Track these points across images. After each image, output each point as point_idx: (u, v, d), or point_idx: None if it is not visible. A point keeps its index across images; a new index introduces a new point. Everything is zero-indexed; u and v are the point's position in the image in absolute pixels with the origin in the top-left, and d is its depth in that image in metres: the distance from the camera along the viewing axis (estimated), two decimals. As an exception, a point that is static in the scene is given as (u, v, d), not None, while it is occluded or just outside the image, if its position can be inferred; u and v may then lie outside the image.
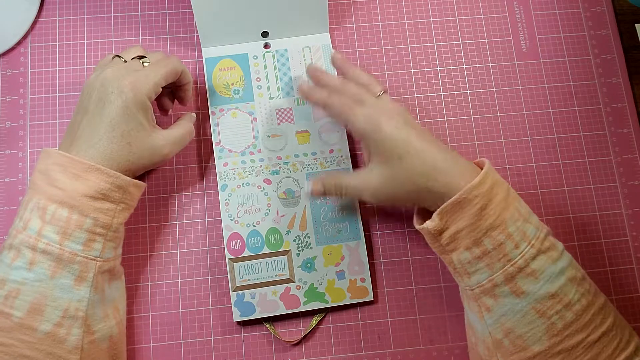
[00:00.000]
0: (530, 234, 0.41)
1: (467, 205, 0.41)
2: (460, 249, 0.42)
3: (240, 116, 0.53)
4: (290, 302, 0.49)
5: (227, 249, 0.50)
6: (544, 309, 0.40)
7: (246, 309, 0.49)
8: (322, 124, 0.53)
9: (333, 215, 0.52)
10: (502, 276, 0.40)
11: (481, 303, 0.42)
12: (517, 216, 0.41)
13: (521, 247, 0.40)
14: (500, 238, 0.40)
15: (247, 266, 0.50)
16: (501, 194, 0.41)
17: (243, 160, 0.52)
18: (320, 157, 0.53)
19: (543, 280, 0.40)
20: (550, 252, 0.41)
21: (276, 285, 0.50)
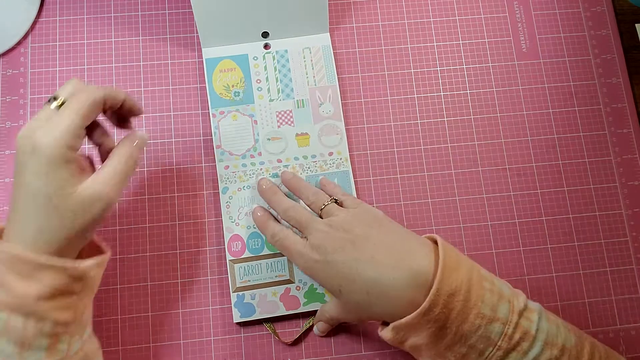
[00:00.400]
0: (496, 336, 0.39)
1: (420, 328, 0.39)
2: (424, 357, 0.41)
3: (240, 118, 0.53)
4: (290, 303, 0.49)
5: (228, 250, 0.50)
6: None
7: (246, 309, 0.49)
8: (321, 127, 0.53)
9: None
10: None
11: None
12: (479, 322, 0.39)
13: (486, 353, 0.39)
14: (462, 350, 0.39)
15: (248, 267, 0.50)
16: (458, 306, 0.38)
17: (244, 163, 0.52)
18: (320, 159, 0.53)
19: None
20: (521, 344, 0.39)
21: (276, 286, 0.50)
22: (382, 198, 0.54)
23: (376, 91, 0.56)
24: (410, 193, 0.54)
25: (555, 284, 0.53)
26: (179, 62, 0.56)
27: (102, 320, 0.50)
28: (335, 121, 0.54)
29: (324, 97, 0.54)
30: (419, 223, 0.53)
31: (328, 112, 0.54)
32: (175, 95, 0.55)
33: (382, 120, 0.55)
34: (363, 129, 0.55)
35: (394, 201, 0.54)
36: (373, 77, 0.57)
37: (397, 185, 0.54)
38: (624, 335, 0.52)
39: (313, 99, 0.54)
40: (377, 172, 0.54)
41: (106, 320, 0.50)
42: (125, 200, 0.52)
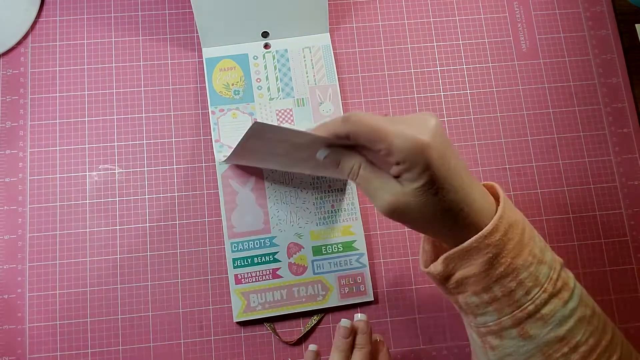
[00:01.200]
0: (543, 277, 0.39)
1: (476, 254, 0.38)
2: (467, 292, 0.40)
3: (240, 117, 0.53)
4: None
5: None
6: (550, 352, 0.39)
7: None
8: None
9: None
10: (510, 321, 0.39)
11: (485, 341, 0.41)
12: (531, 260, 0.39)
13: (532, 293, 0.39)
14: (511, 285, 0.39)
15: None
16: (515, 238, 0.38)
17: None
18: None
19: (552, 324, 0.39)
20: (562, 293, 0.39)
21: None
22: (382, 198, 0.54)
23: (376, 91, 0.56)
24: (410, 193, 0.54)
25: (556, 283, 0.53)
26: (178, 62, 0.56)
27: (102, 320, 0.50)
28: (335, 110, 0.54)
29: (324, 96, 0.54)
30: (419, 223, 0.53)
31: (328, 111, 0.54)
32: (175, 95, 0.55)
33: None
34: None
35: (394, 201, 0.54)
36: (373, 77, 0.57)
37: (397, 185, 0.54)
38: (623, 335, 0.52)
39: (313, 97, 0.54)
40: (377, 172, 0.54)
41: (107, 319, 0.50)
42: (125, 200, 0.52)
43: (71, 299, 0.50)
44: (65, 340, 0.49)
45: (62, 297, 0.50)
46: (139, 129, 0.54)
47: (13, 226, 0.51)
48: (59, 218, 0.51)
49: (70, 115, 0.54)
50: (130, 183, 0.53)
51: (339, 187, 0.53)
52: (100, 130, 0.54)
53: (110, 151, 0.53)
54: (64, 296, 0.50)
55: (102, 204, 0.52)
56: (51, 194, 0.52)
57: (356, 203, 0.53)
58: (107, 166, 0.53)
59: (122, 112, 0.54)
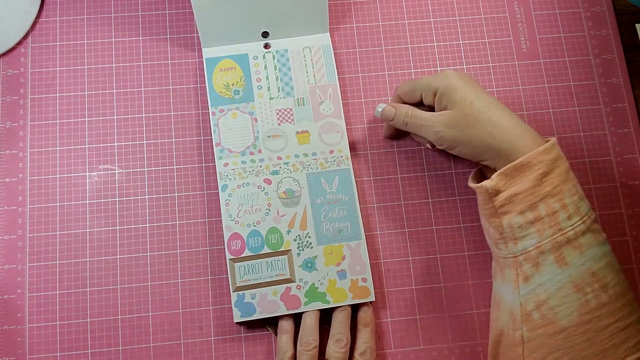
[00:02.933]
0: (584, 210, 0.42)
1: (529, 170, 0.42)
2: (513, 212, 0.42)
3: (240, 116, 0.53)
4: (291, 302, 0.49)
5: (228, 249, 0.50)
6: (582, 285, 0.40)
7: (246, 309, 0.49)
8: (322, 125, 0.53)
9: (333, 215, 0.51)
10: (550, 244, 0.41)
11: (520, 271, 0.42)
12: (575, 191, 0.42)
13: (573, 220, 0.41)
14: (556, 206, 0.41)
15: (248, 266, 0.50)
16: (563, 167, 0.43)
17: (243, 160, 0.52)
18: (321, 157, 0.53)
19: (587, 256, 0.41)
20: (597, 234, 0.42)
21: (276, 286, 0.50)
22: (382, 198, 0.54)
23: (376, 91, 0.56)
24: (410, 193, 0.54)
25: (556, 283, 0.53)
26: (178, 62, 0.56)
27: (102, 320, 0.50)
28: (335, 119, 0.54)
29: (325, 96, 0.54)
30: (419, 223, 0.53)
31: (328, 110, 0.54)
32: (175, 95, 0.55)
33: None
34: (363, 129, 0.55)
35: (394, 201, 0.54)
36: (373, 77, 0.57)
37: (397, 185, 0.54)
38: (624, 335, 0.52)
39: (313, 97, 0.54)
40: (377, 172, 0.54)
41: (107, 320, 0.50)
42: (124, 200, 0.52)
43: (71, 299, 0.50)
44: (65, 340, 0.49)
45: (62, 297, 0.50)
46: (139, 129, 0.54)
47: (13, 226, 0.51)
48: (59, 218, 0.51)
49: (70, 116, 0.54)
50: (130, 183, 0.53)
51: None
52: (100, 131, 0.54)
53: (110, 151, 0.53)
54: (64, 296, 0.50)
55: (102, 204, 0.52)
56: (51, 194, 0.52)
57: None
58: (107, 166, 0.53)
59: (122, 112, 0.54)
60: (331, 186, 0.52)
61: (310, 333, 0.48)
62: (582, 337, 0.40)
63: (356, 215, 0.52)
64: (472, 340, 0.51)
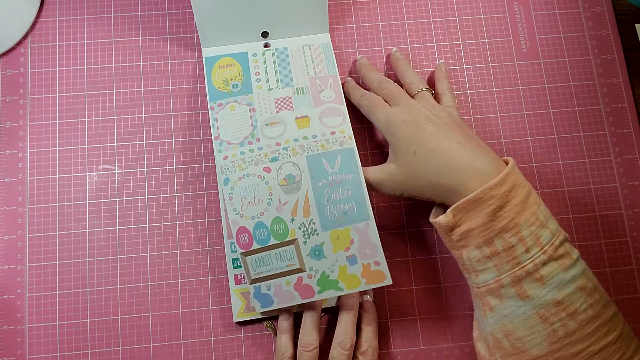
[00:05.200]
0: (545, 239, 0.40)
1: (481, 205, 0.41)
2: (470, 246, 0.42)
3: (238, 108, 0.52)
4: (305, 291, 0.47)
5: (237, 243, 0.49)
6: (547, 315, 0.40)
7: (265, 300, 0.48)
8: (322, 110, 0.52)
9: (337, 197, 0.49)
10: (509, 278, 0.40)
11: (485, 302, 0.42)
12: (533, 220, 0.41)
13: (532, 252, 0.40)
14: (512, 240, 0.40)
15: (258, 259, 0.48)
16: (519, 197, 0.41)
17: (242, 151, 0.51)
18: (322, 139, 0.50)
19: (550, 286, 0.40)
20: (563, 259, 0.40)
21: (289, 276, 0.48)
22: (384, 197, 0.54)
23: (376, 91, 0.56)
24: (410, 193, 0.54)
25: (556, 284, 0.53)
26: (178, 62, 0.56)
27: (102, 320, 0.50)
28: (336, 105, 0.52)
29: (325, 85, 0.53)
30: (420, 221, 0.53)
31: (329, 97, 0.52)
32: (175, 95, 0.55)
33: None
34: (363, 129, 0.55)
35: (395, 200, 0.54)
36: (373, 77, 0.56)
37: (397, 185, 0.54)
38: (624, 336, 0.52)
39: (313, 87, 0.53)
40: (377, 172, 0.54)
41: (106, 320, 0.50)
42: (124, 200, 0.52)
43: (71, 300, 0.50)
44: (65, 340, 0.49)
45: (62, 298, 0.50)
46: (139, 129, 0.54)
47: (13, 226, 0.51)
48: (59, 218, 0.51)
49: (70, 116, 0.54)
50: (130, 183, 0.53)
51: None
52: (100, 131, 0.54)
53: (110, 151, 0.53)
54: (64, 296, 0.50)
55: (101, 204, 0.52)
56: (51, 194, 0.52)
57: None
58: (107, 166, 0.53)
59: (122, 112, 0.54)
60: (333, 166, 0.49)
61: (310, 333, 0.47)
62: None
63: (362, 194, 0.49)
64: (471, 341, 0.51)
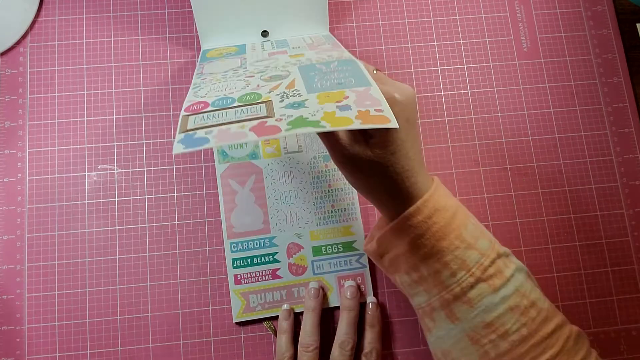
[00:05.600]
0: (472, 262, 0.40)
1: (401, 234, 0.41)
2: (400, 272, 0.42)
3: (228, 60, 0.48)
4: (265, 131, 0.33)
5: (186, 110, 0.37)
6: (477, 337, 0.39)
7: (195, 142, 0.32)
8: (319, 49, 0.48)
9: (332, 78, 0.39)
10: (438, 302, 0.41)
11: (423, 323, 0.43)
12: (457, 244, 0.40)
13: (458, 275, 0.40)
14: (436, 266, 0.40)
15: (207, 116, 0.35)
16: (441, 222, 0.40)
17: (224, 73, 0.43)
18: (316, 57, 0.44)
19: (479, 309, 0.39)
20: (493, 280, 0.40)
21: (247, 122, 0.34)
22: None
23: (376, 91, 0.56)
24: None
25: (557, 283, 0.53)
26: (178, 62, 0.56)
27: (101, 320, 0.50)
28: (335, 48, 0.47)
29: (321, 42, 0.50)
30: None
31: (327, 44, 0.49)
32: (174, 94, 0.55)
33: None
34: (363, 129, 0.55)
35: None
36: (373, 77, 0.56)
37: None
38: (624, 335, 0.52)
39: (311, 46, 0.49)
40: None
41: (106, 320, 0.50)
42: (124, 200, 0.52)
43: (70, 300, 0.50)
44: (64, 340, 0.49)
45: (62, 298, 0.50)
46: (139, 128, 0.54)
47: (12, 226, 0.51)
48: (58, 218, 0.51)
49: (69, 115, 0.54)
50: (129, 183, 0.52)
51: (339, 186, 0.53)
52: (100, 130, 0.53)
53: (110, 151, 0.53)
54: (63, 296, 0.50)
55: (101, 204, 0.52)
56: (50, 194, 0.52)
57: (356, 203, 0.52)
58: (106, 166, 0.53)
59: (122, 112, 0.54)
60: (329, 66, 0.41)
61: (311, 333, 0.47)
62: None
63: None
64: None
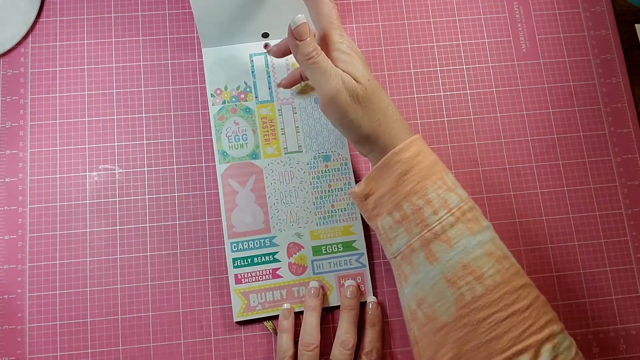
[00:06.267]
0: (452, 203, 0.41)
1: (388, 170, 0.42)
2: (383, 214, 0.43)
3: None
4: None
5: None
6: (454, 279, 0.40)
7: None
8: None
9: None
10: (419, 242, 0.41)
11: (400, 271, 0.43)
12: (440, 184, 0.42)
13: (440, 214, 0.41)
14: (419, 203, 0.41)
15: None
16: (425, 162, 0.42)
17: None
18: None
19: (457, 249, 0.40)
20: (471, 224, 0.41)
21: None
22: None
23: (376, 91, 0.56)
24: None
25: (556, 283, 0.53)
26: (178, 62, 0.56)
27: (102, 320, 0.50)
28: None
29: None
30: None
31: None
32: (175, 95, 0.55)
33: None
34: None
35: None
36: (373, 77, 0.56)
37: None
38: (624, 335, 0.52)
39: None
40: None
41: (107, 319, 0.50)
42: (125, 200, 0.52)
43: (71, 299, 0.50)
44: (65, 340, 0.49)
45: (62, 297, 0.50)
46: (139, 129, 0.54)
47: (13, 226, 0.51)
48: (59, 218, 0.51)
49: (70, 115, 0.54)
50: (130, 183, 0.53)
51: (339, 186, 0.53)
52: (100, 130, 0.54)
53: (110, 151, 0.53)
54: (64, 296, 0.50)
55: (102, 204, 0.52)
56: (51, 194, 0.52)
57: None
58: (107, 166, 0.53)
59: (122, 112, 0.54)
60: None
61: (311, 333, 0.47)
62: (462, 331, 0.39)
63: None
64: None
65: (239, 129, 0.53)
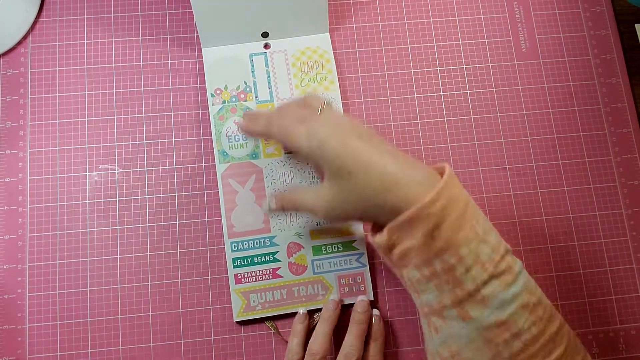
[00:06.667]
0: (485, 257, 0.38)
1: (417, 225, 0.38)
2: (410, 266, 0.40)
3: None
4: None
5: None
6: (491, 337, 0.38)
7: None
8: None
9: None
10: (450, 300, 0.39)
11: (430, 323, 0.41)
12: (472, 237, 0.39)
13: (473, 271, 0.38)
14: (452, 261, 0.38)
15: None
16: (456, 212, 0.39)
17: None
18: None
19: (492, 307, 0.38)
20: (505, 276, 0.39)
21: None
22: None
23: (376, 91, 0.56)
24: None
25: (556, 283, 0.53)
26: (178, 62, 0.56)
27: (102, 320, 0.50)
28: None
29: None
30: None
31: None
32: (175, 95, 0.55)
33: (382, 120, 0.55)
34: (363, 129, 0.55)
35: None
36: (373, 77, 0.57)
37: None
38: (624, 335, 0.52)
39: None
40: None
41: (107, 319, 0.50)
42: (125, 199, 0.52)
43: (71, 299, 0.50)
44: (65, 340, 0.49)
45: (62, 297, 0.50)
46: (139, 129, 0.54)
47: (13, 226, 0.51)
48: (59, 218, 0.51)
49: (70, 115, 0.54)
50: (130, 183, 0.53)
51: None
52: (100, 130, 0.54)
53: (111, 151, 0.53)
54: (64, 296, 0.50)
55: (102, 204, 0.52)
56: (51, 194, 0.52)
57: None
58: (107, 166, 0.53)
59: (122, 112, 0.54)
60: None
61: (320, 342, 0.47)
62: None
63: None
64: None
65: (239, 129, 0.53)
